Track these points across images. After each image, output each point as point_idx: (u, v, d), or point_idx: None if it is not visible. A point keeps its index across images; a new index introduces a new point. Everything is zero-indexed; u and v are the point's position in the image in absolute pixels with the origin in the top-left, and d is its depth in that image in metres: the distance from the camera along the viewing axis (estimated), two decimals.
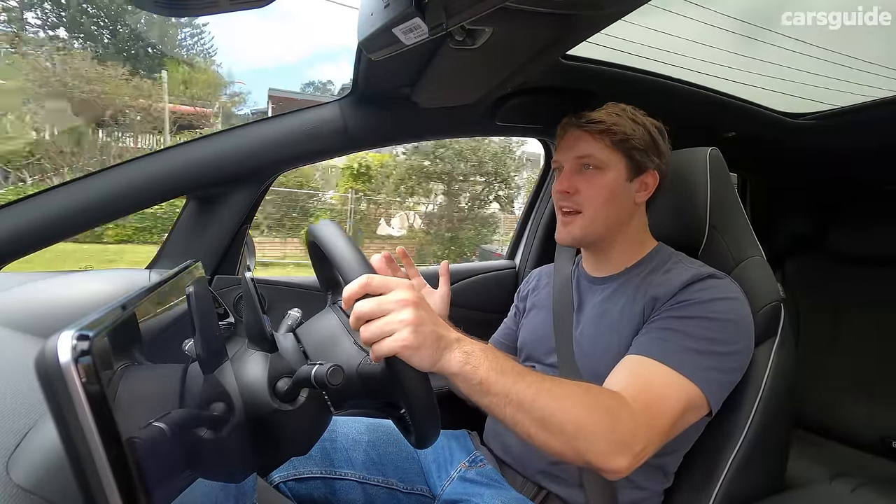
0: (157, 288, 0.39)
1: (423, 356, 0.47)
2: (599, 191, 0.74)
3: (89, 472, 0.24)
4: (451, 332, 0.50)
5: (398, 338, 0.45)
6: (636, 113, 0.76)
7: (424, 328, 0.47)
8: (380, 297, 0.47)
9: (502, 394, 0.49)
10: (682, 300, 0.65)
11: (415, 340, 0.46)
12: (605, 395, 0.56)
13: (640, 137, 0.74)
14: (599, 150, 0.74)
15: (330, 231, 0.55)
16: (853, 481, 1.04)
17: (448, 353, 0.49)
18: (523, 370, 0.52)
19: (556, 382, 0.53)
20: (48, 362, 0.24)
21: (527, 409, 0.50)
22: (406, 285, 0.49)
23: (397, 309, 0.46)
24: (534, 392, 0.50)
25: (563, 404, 0.51)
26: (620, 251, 0.78)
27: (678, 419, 0.58)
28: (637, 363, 0.62)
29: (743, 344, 0.65)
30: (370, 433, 0.82)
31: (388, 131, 1.01)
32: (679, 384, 0.59)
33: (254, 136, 0.91)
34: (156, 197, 0.86)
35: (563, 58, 0.87)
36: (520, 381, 0.50)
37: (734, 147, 1.09)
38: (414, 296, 0.48)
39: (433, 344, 0.47)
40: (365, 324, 0.47)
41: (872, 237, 1.39)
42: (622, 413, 0.54)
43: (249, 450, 0.48)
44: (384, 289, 0.48)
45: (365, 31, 0.57)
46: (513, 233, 1.43)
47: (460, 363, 0.49)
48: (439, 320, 0.50)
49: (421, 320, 0.47)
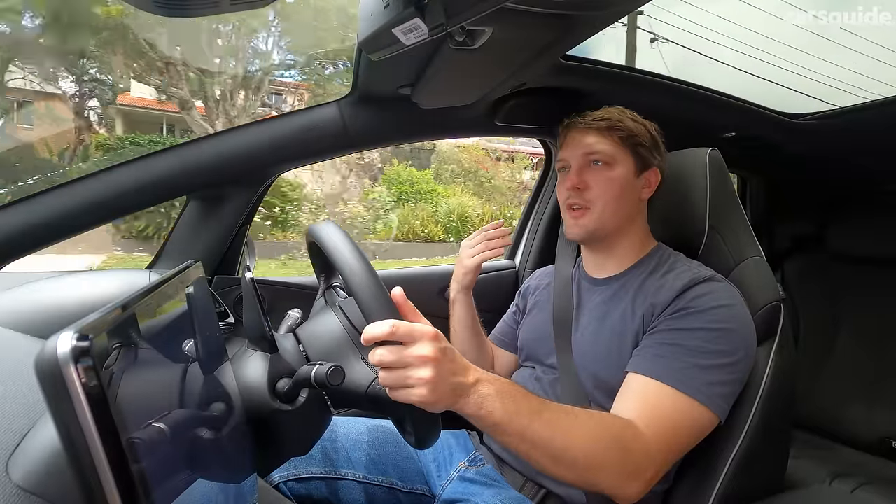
0: (157, 288, 0.39)
1: (438, 408, 0.48)
2: (610, 185, 0.74)
3: (89, 472, 0.24)
4: (468, 376, 0.50)
5: (415, 393, 0.46)
6: (634, 114, 0.78)
7: (443, 384, 0.47)
8: (402, 350, 0.47)
9: (517, 435, 0.51)
10: (681, 308, 0.66)
11: (431, 397, 0.46)
12: (616, 426, 0.57)
13: (644, 134, 0.76)
14: (607, 145, 0.75)
15: (334, 236, 0.52)
16: (853, 481, 1.04)
17: (463, 399, 0.50)
18: (538, 407, 0.53)
19: (571, 417, 0.55)
20: (48, 362, 0.24)
21: (540, 447, 0.52)
22: (430, 337, 0.47)
23: (418, 364, 0.46)
24: (549, 433, 0.52)
25: (577, 440, 0.53)
26: (623, 249, 0.78)
27: (688, 440, 0.61)
28: (644, 386, 0.62)
29: (744, 352, 0.65)
30: (370, 433, 0.82)
31: (387, 131, 1.01)
32: (689, 407, 0.60)
33: (254, 136, 0.91)
34: (156, 197, 0.86)
35: (563, 58, 0.87)
36: (535, 421, 0.52)
37: (734, 147, 1.09)
38: (435, 351, 0.47)
39: (449, 396, 0.48)
40: (385, 369, 0.47)
41: (872, 237, 1.38)
42: (635, 444, 0.56)
43: (249, 450, 0.49)
44: (408, 338, 0.47)
45: (365, 32, 0.57)
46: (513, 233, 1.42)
47: (475, 408, 0.50)
48: (458, 368, 0.50)
49: (440, 377, 0.47)
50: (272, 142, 0.92)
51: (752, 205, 1.66)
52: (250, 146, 0.91)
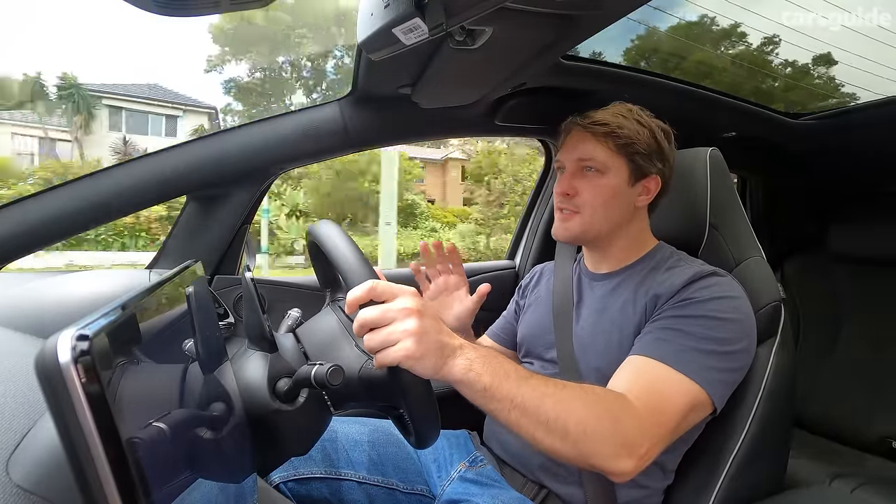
0: (157, 288, 0.39)
1: (426, 365, 0.47)
2: (599, 192, 0.74)
3: (89, 472, 0.24)
4: (454, 339, 0.50)
5: (401, 348, 0.45)
6: (642, 114, 0.75)
7: (428, 338, 0.47)
8: (384, 305, 0.47)
9: (506, 399, 0.50)
10: (684, 298, 0.65)
11: (417, 350, 0.46)
12: (608, 397, 0.56)
13: (645, 141, 0.73)
14: (602, 152, 0.73)
15: (331, 232, 0.55)
16: (853, 481, 1.04)
17: (451, 360, 0.49)
18: (527, 374, 0.53)
19: (560, 386, 0.54)
20: (48, 362, 0.24)
21: (531, 413, 0.50)
22: (411, 293, 0.48)
23: (401, 318, 0.46)
24: (538, 396, 0.51)
25: (567, 407, 0.51)
26: (620, 249, 0.78)
27: (682, 419, 0.59)
28: (640, 364, 0.62)
29: (745, 343, 0.65)
30: (370, 433, 0.82)
31: (387, 131, 1.01)
32: (682, 384, 0.59)
33: (254, 136, 0.91)
34: (156, 197, 0.86)
35: (563, 58, 0.87)
36: (523, 386, 0.51)
37: (734, 147, 1.09)
38: (418, 304, 0.48)
39: (436, 353, 0.47)
40: (369, 332, 0.47)
41: (872, 237, 1.39)
42: (626, 415, 0.54)
43: (249, 450, 0.48)
44: (389, 296, 0.47)
45: (365, 31, 0.57)
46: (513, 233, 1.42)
47: (463, 370, 0.49)
48: (443, 328, 0.50)
49: (424, 329, 0.47)
50: (272, 142, 0.92)
51: (752, 205, 1.66)
52: (250, 146, 0.91)
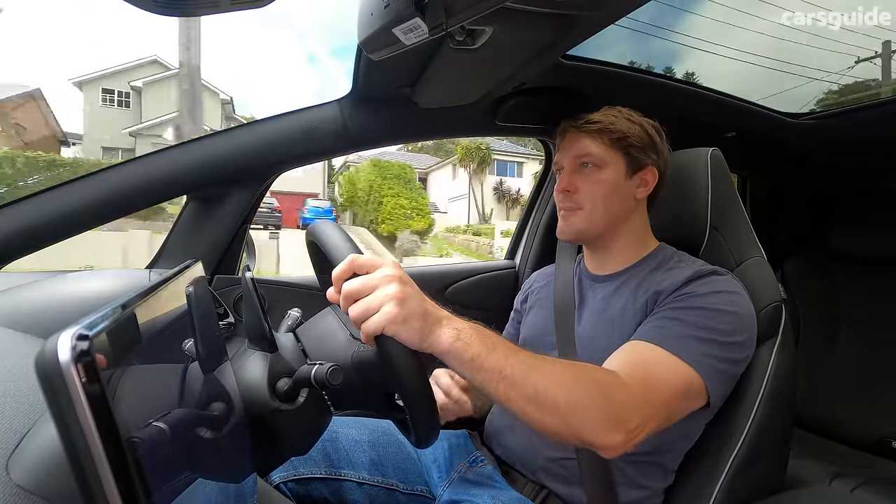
0: (157, 288, 0.39)
1: (411, 330, 0.46)
2: (598, 187, 0.75)
3: (89, 472, 0.24)
4: (439, 310, 0.51)
5: (384, 312, 0.46)
6: (632, 113, 0.78)
7: (410, 302, 0.47)
8: (366, 276, 0.48)
9: (495, 369, 0.49)
10: (684, 293, 0.66)
11: (400, 313, 0.46)
12: (598, 372, 0.56)
13: (637, 135, 0.76)
14: (597, 147, 0.75)
15: (324, 224, 0.56)
16: (853, 481, 1.04)
17: (437, 328, 0.49)
18: (515, 348, 0.52)
19: (549, 360, 0.54)
20: (48, 362, 0.24)
21: (520, 385, 0.50)
22: (392, 262, 0.50)
23: (383, 284, 0.47)
24: (527, 368, 0.50)
25: (557, 380, 0.51)
26: (622, 248, 0.79)
27: (674, 400, 0.58)
28: (634, 346, 0.62)
29: (745, 336, 0.65)
30: (370, 433, 0.82)
31: (387, 131, 1.01)
32: (676, 366, 0.59)
33: (254, 136, 0.91)
34: (156, 196, 0.86)
35: (563, 58, 0.87)
36: (512, 357, 0.50)
37: (734, 147, 1.09)
38: (398, 272, 0.49)
39: (420, 318, 0.47)
40: (353, 303, 0.47)
41: (872, 237, 1.38)
42: (616, 389, 0.54)
43: (249, 450, 0.48)
44: (370, 267, 0.49)
45: (365, 31, 0.57)
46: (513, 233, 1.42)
47: (450, 339, 0.48)
48: (426, 298, 0.50)
49: (405, 294, 0.47)
50: (272, 141, 0.92)
51: (752, 205, 1.66)
52: (250, 146, 0.91)
